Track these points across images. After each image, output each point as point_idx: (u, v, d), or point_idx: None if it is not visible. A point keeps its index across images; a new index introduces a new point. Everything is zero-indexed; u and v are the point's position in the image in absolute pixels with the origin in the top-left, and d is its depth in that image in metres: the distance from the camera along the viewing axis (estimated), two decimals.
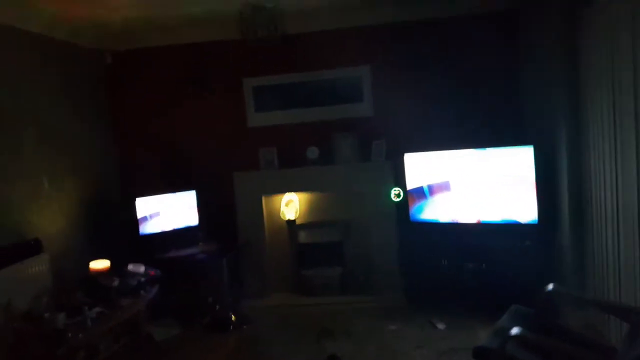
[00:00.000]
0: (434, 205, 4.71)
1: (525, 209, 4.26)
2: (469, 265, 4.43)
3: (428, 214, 4.75)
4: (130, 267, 4.15)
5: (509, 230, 4.35)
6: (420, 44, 5.08)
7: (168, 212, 5.01)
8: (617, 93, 3.14)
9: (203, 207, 5.17)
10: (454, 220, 4.63)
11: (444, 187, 4.66)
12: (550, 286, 2.90)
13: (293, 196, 5.30)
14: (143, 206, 4.85)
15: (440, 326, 4.19)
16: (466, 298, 4.38)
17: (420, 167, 4.75)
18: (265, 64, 5.26)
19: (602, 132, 3.38)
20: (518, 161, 4.26)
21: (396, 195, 4.88)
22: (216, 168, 5.33)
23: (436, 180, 4.69)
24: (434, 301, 4.55)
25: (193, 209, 5.13)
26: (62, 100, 4.67)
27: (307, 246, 5.29)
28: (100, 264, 4.11)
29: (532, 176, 4.19)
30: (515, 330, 2.45)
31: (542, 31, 4.29)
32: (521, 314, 2.98)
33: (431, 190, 4.72)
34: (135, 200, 4.80)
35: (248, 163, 5.26)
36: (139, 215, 4.81)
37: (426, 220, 4.76)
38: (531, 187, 4.21)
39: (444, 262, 4.55)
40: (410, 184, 4.79)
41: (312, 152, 5.15)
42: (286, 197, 5.30)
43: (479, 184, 4.48)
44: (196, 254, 4.81)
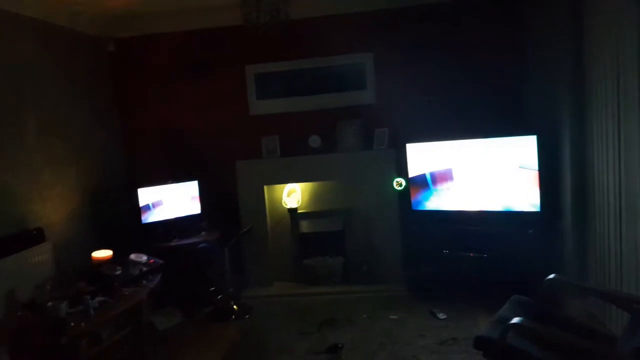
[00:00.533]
0: (437, 194, 4.71)
1: (527, 198, 4.25)
2: (471, 254, 4.44)
3: (430, 203, 4.74)
4: (132, 257, 4.15)
5: (511, 219, 4.34)
6: (423, 31, 5.03)
7: (170, 201, 5.01)
8: (622, 82, 3.12)
9: (205, 196, 5.17)
10: (457, 209, 4.62)
11: (447, 176, 4.64)
12: (551, 275, 2.90)
13: (295, 185, 5.30)
14: (145, 195, 4.86)
15: (441, 316, 4.20)
16: (467, 287, 4.39)
17: (422, 155, 4.73)
18: (267, 51, 5.22)
19: (606, 121, 3.36)
20: (521, 150, 4.25)
21: (398, 184, 4.87)
22: (218, 157, 5.33)
23: (439, 168, 4.67)
24: (436, 290, 4.56)
25: (195, 198, 5.14)
26: (66, 88, 4.66)
27: (309, 235, 5.30)
28: (102, 253, 4.11)
29: (535, 165, 4.18)
30: (515, 319, 2.46)
31: (547, 16, 4.25)
32: (522, 304, 2.98)
33: (434, 179, 4.71)
34: (137, 189, 4.81)
35: (250, 152, 5.25)
36: (142, 204, 4.82)
37: (428, 209, 4.75)
38: (534, 176, 4.20)
39: (446, 252, 4.55)
40: (412, 173, 4.78)
41: (315, 141, 5.13)
42: (288, 186, 5.30)
43: (482, 173, 4.47)
44: (198, 243, 4.82)
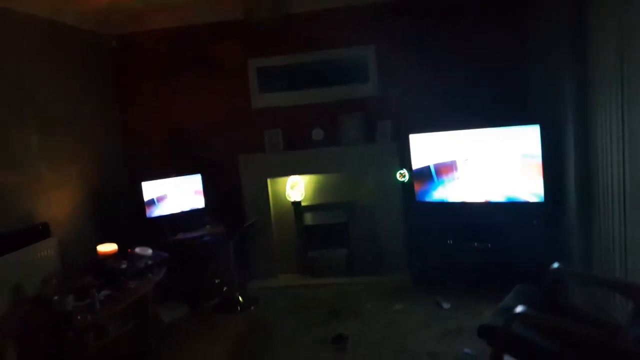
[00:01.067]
0: (440, 185, 4.71)
1: (531, 188, 4.26)
2: (475, 244, 4.45)
3: (434, 194, 4.75)
4: (137, 250, 4.18)
5: (515, 209, 4.35)
6: (425, 22, 5.02)
7: (174, 196, 5.04)
8: (627, 70, 3.11)
9: (209, 190, 5.19)
10: (460, 200, 4.63)
11: (451, 167, 4.65)
12: (555, 264, 2.91)
13: (298, 178, 5.31)
14: (149, 190, 4.88)
15: (445, 306, 4.22)
16: (472, 277, 4.40)
17: (426, 147, 4.73)
18: (269, 45, 5.23)
19: (610, 110, 3.35)
20: (524, 140, 4.24)
21: (402, 175, 4.87)
22: (221, 151, 5.34)
23: (442, 159, 4.68)
24: (440, 281, 4.57)
25: (199, 192, 5.15)
26: (68, 85, 4.67)
27: (313, 228, 5.31)
28: (108, 247, 4.15)
29: (539, 155, 4.18)
30: (519, 308, 2.46)
31: (550, 5, 4.24)
32: (526, 293, 2.99)
33: (437, 170, 4.71)
34: (141, 184, 4.83)
35: (253, 145, 5.26)
36: (146, 198, 4.84)
37: (432, 200, 4.76)
38: (537, 166, 4.19)
39: (450, 242, 4.57)
40: (416, 164, 4.78)
41: (317, 134, 5.14)
42: (292, 179, 5.31)
43: (485, 163, 4.47)
44: (203, 236, 4.84)
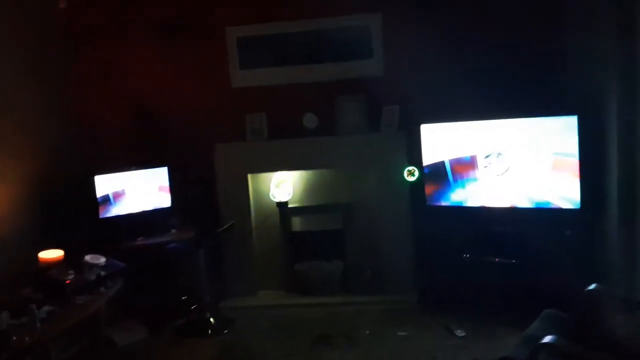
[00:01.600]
0: (456, 186, 4.72)
1: (565, 192, 4.27)
2: (496, 259, 4.46)
3: (449, 198, 4.76)
4: (87, 258, 4.16)
5: (545, 217, 4.37)
6: None
7: (134, 192, 5.02)
8: None
9: (177, 186, 5.18)
10: (480, 204, 4.65)
11: (469, 165, 4.66)
12: (592, 286, 2.91)
13: (286, 174, 5.30)
14: (104, 184, 4.86)
15: (459, 333, 4.23)
16: (491, 300, 4.41)
17: (440, 140, 4.75)
18: (253, 10, 5.22)
19: None
20: (559, 134, 4.26)
21: (410, 173, 4.88)
22: (193, 138, 5.34)
23: (459, 155, 4.69)
24: (453, 303, 4.59)
25: (165, 189, 5.15)
26: (6, 54, 4.63)
27: (302, 235, 5.33)
28: (51, 254, 4.13)
29: (575, 152, 4.19)
30: (548, 338, 2.48)
31: None
32: (556, 320, 3.01)
33: (453, 167, 4.72)
34: (94, 177, 4.81)
35: (232, 132, 5.26)
36: (99, 195, 4.82)
37: (446, 204, 4.77)
38: (573, 166, 4.21)
39: (466, 256, 4.58)
40: (427, 160, 4.79)
41: (310, 120, 5.14)
42: (277, 175, 5.31)
43: (511, 161, 4.49)
44: (168, 243, 4.84)
